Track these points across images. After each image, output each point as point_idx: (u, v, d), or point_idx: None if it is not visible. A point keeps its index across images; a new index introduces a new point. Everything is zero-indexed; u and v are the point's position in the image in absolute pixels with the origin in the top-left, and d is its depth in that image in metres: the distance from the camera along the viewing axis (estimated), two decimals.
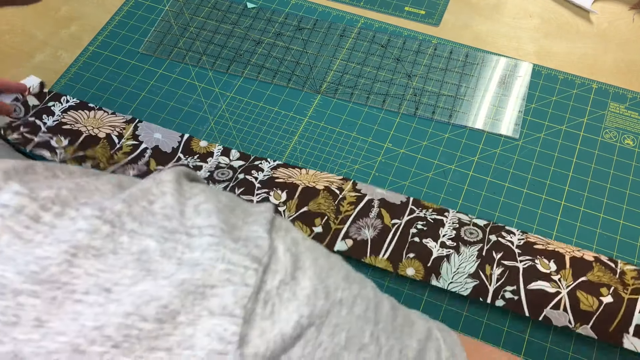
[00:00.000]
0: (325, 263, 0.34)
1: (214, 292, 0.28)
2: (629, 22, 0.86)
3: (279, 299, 0.30)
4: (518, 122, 0.75)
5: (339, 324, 0.32)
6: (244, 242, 0.30)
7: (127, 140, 0.73)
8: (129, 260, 0.28)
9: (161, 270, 0.28)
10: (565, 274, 0.57)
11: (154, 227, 0.29)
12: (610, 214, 0.68)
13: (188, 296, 0.27)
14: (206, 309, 0.27)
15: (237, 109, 0.79)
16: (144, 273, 0.28)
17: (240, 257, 0.29)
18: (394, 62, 0.82)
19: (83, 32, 0.89)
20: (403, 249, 0.61)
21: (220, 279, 0.28)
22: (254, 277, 0.29)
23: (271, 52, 0.84)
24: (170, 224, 0.30)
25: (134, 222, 0.29)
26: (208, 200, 0.32)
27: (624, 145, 0.73)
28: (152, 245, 0.28)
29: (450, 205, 0.69)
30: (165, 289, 0.27)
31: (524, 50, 0.83)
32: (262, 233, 0.31)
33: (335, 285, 0.33)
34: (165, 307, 0.27)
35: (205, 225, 0.30)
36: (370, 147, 0.75)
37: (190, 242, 0.29)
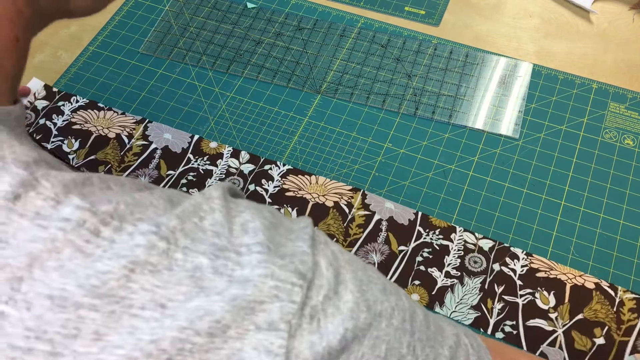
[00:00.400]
0: (364, 276, 0.35)
1: (263, 307, 0.28)
2: (629, 22, 0.86)
3: (323, 314, 0.30)
4: (518, 122, 0.75)
5: (380, 336, 0.32)
6: (290, 259, 0.31)
7: (137, 141, 0.74)
8: (183, 277, 0.28)
9: (214, 287, 0.28)
10: (563, 310, 0.60)
11: (206, 245, 0.30)
12: (610, 214, 0.68)
13: (240, 312, 0.28)
14: (253, 324, 0.28)
15: (237, 109, 0.79)
16: (197, 290, 0.28)
17: (288, 273, 0.30)
18: (394, 62, 0.82)
19: (83, 32, 0.89)
20: (409, 276, 0.64)
21: (269, 295, 0.29)
22: (300, 293, 0.30)
23: (271, 52, 0.84)
24: (220, 242, 0.30)
25: (187, 238, 0.29)
26: (254, 219, 0.32)
27: (624, 145, 0.73)
28: (204, 262, 0.29)
29: (451, 206, 0.69)
30: (217, 304, 0.28)
31: (524, 50, 0.83)
32: (306, 249, 0.32)
33: (374, 298, 0.33)
34: (218, 322, 0.27)
35: (253, 243, 0.31)
36: (370, 147, 0.75)
37: (239, 260, 0.30)
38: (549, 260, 0.65)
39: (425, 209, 0.69)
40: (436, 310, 0.61)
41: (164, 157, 0.73)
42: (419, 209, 0.69)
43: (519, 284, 0.63)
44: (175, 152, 0.73)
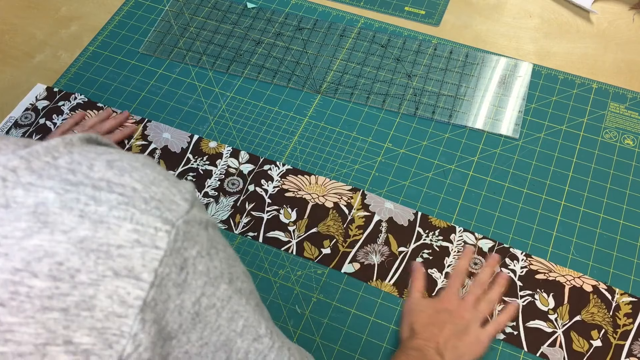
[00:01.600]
0: (231, 252, 0.34)
1: (121, 252, 0.27)
2: (629, 22, 0.86)
3: (193, 269, 0.29)
4: (518, 122, 0.75)
5: (238, 311, 0.32)
6: (157, 204, 0.29)
7: (136, 141, 0.74)
8: (22, 213, 0.26)
9: (60, 223, 0.26)
10: (562, 311, 0.61)
11: (56, 180, 0.28)
12: (610, 214, 0.68)
13: (89, 254, 0.26)
14: (111, 269, 0.26)
15: (237, 109, 0.79)
16: (39, 225, 0.26)
17: (151, 218, 0.28)
18: (394, 62, 0.82)
19: (83, 32, 0.89)
20: (409, 277, 0.64)
21: (127, 240, 0.27)
22: (165, 239, 0.28)
23: (271, 52, 0.84)
24: (75, 177, 0.28)
25: (32, 175, 0.28)
26: (123, 159, 0.31)
27: (624, 145, 0.73)
28: (50, 196, 0.27)
29: (451, 206, 0.69)
30: (62, 245, 0.26)
31: (524, 50, 0.83)
32: (178, 198, 0.30)
33: (237, 275, 0.33)
34: (61, 264, 0.26)
35: (116, 183, 0.29)
36: (370, 147, 0.75)
37: (95, 195, 0.28)
38: (548, 261, 0.65)
39: (425, 209, 0.69)
40: None
41: (163, 157, 0.73)
42: (418, 209, 0.69)
43: (518, 285, 0.63)
44: (175, 152, 0.73)
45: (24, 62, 0.86)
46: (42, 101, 0.78)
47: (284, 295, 0.64)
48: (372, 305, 0.63)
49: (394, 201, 0.69)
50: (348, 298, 0.64)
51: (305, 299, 0.64)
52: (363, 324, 0.62)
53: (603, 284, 0.63)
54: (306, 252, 0.66)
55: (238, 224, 0.68)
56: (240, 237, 0.68)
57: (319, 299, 0.64)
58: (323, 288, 0.64)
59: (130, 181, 0.29)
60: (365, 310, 0.63)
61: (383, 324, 0.62)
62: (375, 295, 0.64)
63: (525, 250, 0.66)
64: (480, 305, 0.59)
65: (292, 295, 0.64)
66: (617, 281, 0.64)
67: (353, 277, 0.64)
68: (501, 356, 0.60)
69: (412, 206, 0.69)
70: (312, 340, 0.61)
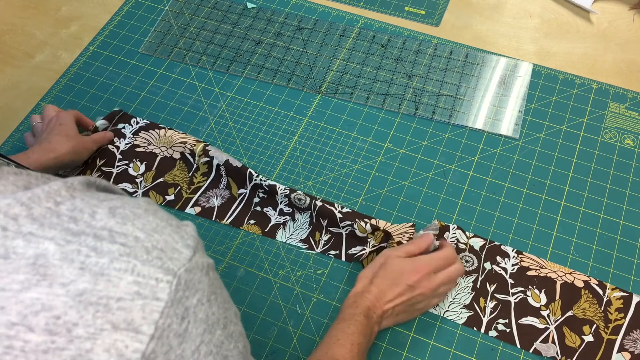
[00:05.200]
0: (227, 295, 0.35)
1: (120, 305, 0.26)
2: (629, 22, 0.86)
3: (194, 318, 0.29)
4: (518, 122, 0.75)
5: (227, 356, 0.32)
6: (158, 253, 0.29)
7: (199, 158, 0.72)
8: (21, 265, 0.26)
9: (59, 276, 0.26)
10: (554, 307, 0.62)
11: (57, 230, 0.27)
12: (610, 214, 0.68)
13: (88, 308, 0.26)
14: (109, 323, 0.26)
15: (237, 109, 0.79)
16: (38, 278, 0.26)
17: (152, 269, 0.28)
18: (394, 62, 0.82)
19: (83, 32, 0.89)
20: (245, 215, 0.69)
21: (128, 292, 0.27)
22: (166, 290, 0.28)
23: (271, 52, 0.84)
24: (77, 227, 0.28)
25: (34, 224, 0.27)
26: (125, 205, 0.30)
27: (624, 145, 0.73)
28: (51, 248, 0.27)
29: (451, 206, 0.69)
30: (60, 299, 0.25)
31: (524, 50, 0.83)
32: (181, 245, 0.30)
33: (230, 318, 0.33)
34: (58, 317, 0.25)
35: (119, 232, 0.28)
36: (370, 147, 0.75)
37: (97, 246, 0.27)
38: (539, 258, 0.65)
39: (425, 209, 0.69)
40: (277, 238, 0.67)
41: (230, 174, 0.71)
42: (419, 209, 0.69)
43: (510, 283, 0.63)
44: (236, 166, 0.70)
45: (24, 62, 0.86)
46: (102, 122, 0.76)
47: (284, 295, 0.64)
48: None
49: (394, 202, 0.69)
50: None
51: (305, 299, 0.64)
52: None
53: (594, 279, 0.63)
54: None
55: None
56: (243, 234, 0.68)
57: (319, 299, 0.64)
58: (323, 288, 0.64)
59: (132, 230, 0.29)
60: None
61: None
62: None
63: (525, 251, 0.66)
64: (440, 289, 0.60)
65: (292, 295, 0.64)
66: (618, 281, 0.64)
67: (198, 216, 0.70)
68: (501, 356, 0.60)
69: (412, 206, 0.69)
70: (312, 340, 0.61)
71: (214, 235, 0.68)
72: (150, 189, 0.72)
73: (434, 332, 0.61)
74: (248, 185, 0.70)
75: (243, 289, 0.65)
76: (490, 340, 0.61)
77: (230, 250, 0.67)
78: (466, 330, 0.61)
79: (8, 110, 0.81)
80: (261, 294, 0.64)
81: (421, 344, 0.61)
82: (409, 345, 0.61)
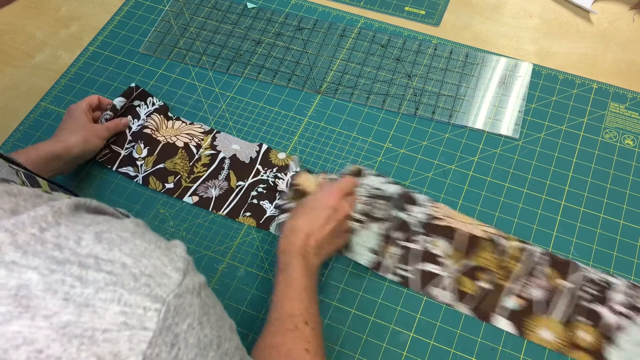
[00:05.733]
0: (220, 310, 0.34)
1: (106, 336, 0.26)
2: (629, 22, 0.86)
3: (184, 344, 0.28)
4: (518, 122, 0.75)
5: None
6: (146, 280, 0.28)
7: (205, 151, 0.73)
8: (3, 296, 0.25)
9: (42, 307, 0.25)
10: (455, 256, 0.65)
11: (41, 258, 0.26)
12: (610, 214, 0.68)
13: (72, 340, 0.25)
14: (95, 356, 0.25)
15: (237, 109, 0.79)
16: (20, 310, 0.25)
17: (139, 297, 0.27)
18: (394, 62, 0.82)
19: (83, 32, 0.89)
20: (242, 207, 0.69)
21: (114, 323, 0.26)
22: (154, 318, 0.27)
23: (271, 52, 0.84)
24: (62, 255, 0.27)
25: (17, 252, 0.26)
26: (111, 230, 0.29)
27: (624, 145, 0.73)
28: (34, 278, 0.26)
29: (451, 206, 0.69)
30: (42, 332, 0.25)
31: (524, 50, 0.83)
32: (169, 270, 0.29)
33: (225, 335, 0.33)
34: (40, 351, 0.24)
35: (105, 259, 0.27)
36: (370, 147, 0.75)
37: (82, 275, 0.26)
38: (450, 209, 0.68)
39: None
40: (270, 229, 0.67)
41: (232, 167, 0.72)
42: None
43: (417, 231, 0.66)
44: (244, 161, 0.73)
45: (24, 62, 0.86)
46: (120, 99, 0.75)
47: None
48: (372, 305, 0.63)
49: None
50: (348, 298, 0.64)
51: None
52: (363, 324, 0.62)
53: (498, 230, 0.66)
54: (151, 185, 0.71)
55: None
56: (243, 234, 0.68)
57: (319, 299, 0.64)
58: (323, 288, 0.64)
59: (119, 256, 0.28)
60: (365, 310, 0.63)
61: (383, 324, 0.62)
62: (375, 295, 0.64)
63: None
64: (349, 200, 0.62)
65: None
66: None
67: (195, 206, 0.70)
68: (501, 356, 0.60)
69: None
70: None
71: (214, 235, 0.68)
72: (150, 174, 0.72)
73: (434, 332, 0.61)
74: (249, 179, 0.71)
75: (243, 289, 0.65)
76: (490, 340, 0.61)
77: (230, 250, 0.67)
78: (466, 330, 0.61)
79: (8, 110, 0.81)
80: (261, 294, 0.64)
81: (421, 344, 0.61)
82: (409, 345, 0.61)
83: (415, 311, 0.63)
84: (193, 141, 0.75)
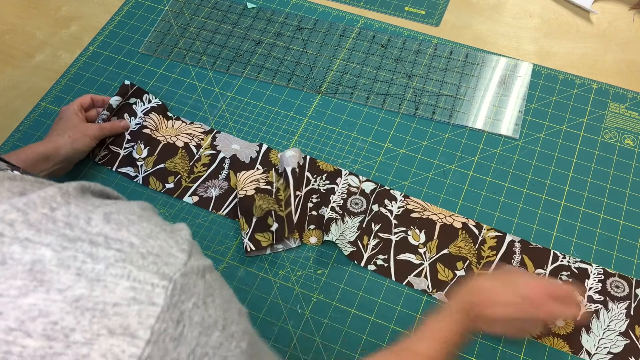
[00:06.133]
0: (227, 294, 0.34)
1: (117, 310, 0.27)
2: (629, 22, 0.86)
3: (189, 321, 0.29)
4: (518, 122, 0.75)
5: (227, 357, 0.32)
6: (154, 259, 0.29)
7: (205, 150, 0.74)
8: (19, 271, 0.26)
9: (56, 281, 0.26)
10: (431, 246, 0.66)
11: (53, 236, 0.28)
12: (610, 214, 0.68)
13: (84, 313, 0.26)
14: (106, 328, 0.26)
15: (237, 109, 0.79)
16: (35, 284, 0.26)
17: (148, 274, 0.28)
18: (394, 62, 0.82)
19: (83, 32, 0.89)
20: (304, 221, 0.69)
21: (124, 297, 0.27)
22: (162, 295, 0.28)
23: (271, 52, 0.84)
24: (73, 232, 0.28)
25: (30, 229, 0.27)
26: (120, 212, 0.30)
27: (624, 145, 0.73)
28: (47, 254, 0.27)
29: (451, 205, 0.69)
30: (57, 305, 0.26)
31: (524, 50, 0.83)
32: (175, 250, 0.30)
33: (232, 318, 0.33)
34: (55, 323, 0.26)
35: (114, 238, 0.29)
36: (370, 147, 0.75)
37: (93, 252, 0.28)
38: (423, 201, 0.69)
39: None
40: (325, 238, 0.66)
41: (232, 167, 0.72)
42: None
43: (394, 223, 0.68)
44: (244, 161, 0.73)
45: (24, 62, 0.86)
46: (115, 98, 0.76)
47: (284, 295, 0.64)
48: (372, 305, 0.63)
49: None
50: (348, 298, 0.64)
51: (305, 299, 0.64)
52: (363, 324, 0.62)
53: (472, 220, 0.67)
54: (151, 186, 0.71)
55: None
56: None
57: (319, 299, 0.64)
58: (323, 288, 0.64)
59: (127, 235, 0.29)
60: (365, 310, 0.63)
61: (383, 324, 0.62)
62: (375, 295, 0.64)
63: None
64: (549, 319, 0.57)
65: (292, 295, 0.64)
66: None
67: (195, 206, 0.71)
68: (501, 356, 0.60)
69: None
70: (312, 340, 0.61)
71: (214, 235, 0.68)
72: (150, 174, 0.72)
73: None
74: (303, 190, 0.71)
75: (243, 289, 0.65)
76: (490, 340, 0.61)
77: (230, 250, 0.67)
78: None
79: (8, 110, 0.81)
80: (261, 294, 0.64)
81: None
82: None
83: (416, 311, 0.63)
84: (193, 141, 0.75)
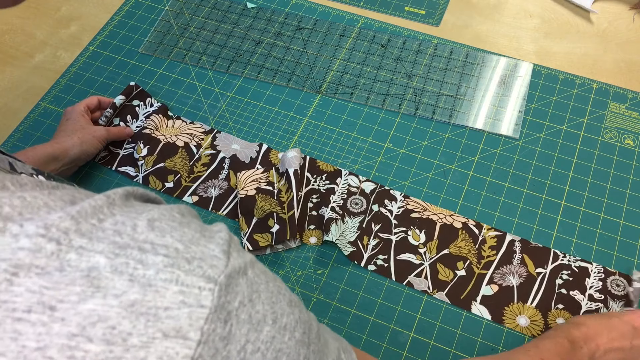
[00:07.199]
0: (274, 287, 0.35)
1: (168, 314, 0.28)
2: (629, 22, 0.86)
3: (236, 320, 0.30)
4: (518, 122, 0.75)
5: (282, 349, 0.33)
6: (199, 263, 0.30)
7: (205, 150, 0.74)
8: (77, 277, 0.27)
9: (112, 288, 0.27)
10: (431, 246, 0.66)
11: (105, 243, 0.29)
12: (610, 214, 0.68)
13: (139, 318, 0.27)
14: (160, 331, 0.27)
15: (237, 109, 0.79)
16: (92, 290, 0.27)
17: (194, 278, 0.29)
18: (394, 62, 0.82)
19: (83, 32, 0.89)
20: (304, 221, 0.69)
21: (174, 301, 0.28)
22: (209, 297, 0.29)
23: (271, 52, 0.84)
24: (122, 240, 0.29)
25: (83, 238, 0.28)
26: (162, 218, 0.31)
27: (624, 145, 0.73)
28: (102, 261, 0.28)
29: (451, 205, 0.69)
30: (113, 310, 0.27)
31: (524, 50, 0.83)
32: (217, 253, 0.31)
33: (282, 310, 0.34)
34: (113, 328, 0.26)
35: (160, 244, 0.30)
36: (370, 147, 0.75)
37: (143, 258, 0.29)
38: (423, 201, 0.69)
39: None
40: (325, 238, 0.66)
41: (232, 167, 0.72)
42: None
43: (394, 223, 0.68)
44: (244, 161, 0.73)
45: (24, 62, 0.86)
46: (120, 97, 0.76)
47: None
48: (372, 305, 0.63)
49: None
50: (348, 298, 0.64)
51: (305, 299, 0.64)
52: (363, 323, 0.62)
53: (472, 220, 0.67)
54: (151, 185, 0.72)
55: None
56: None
57: (319, 299, 0.64)
58: (323, 288, 0.64)
59: (171, 242, 0.30)
60: (365, 311, 0.63)
61: (383, 324, 0.62)
62: (375, 295, 0.64)
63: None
64: None
65: None
66: None
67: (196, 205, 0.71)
68: None
69: None
70: None
71: None
72: (150, 174, 0.72)
73: (434, 332, 0.61)
74: (303, 190, 0.71)
75: None
76: (490, 340, 0.61)
77: None
78: (466, 330, 0.61)
79: (8, 110, 0.81)
80: None
81: (421, 344, 0.61)
82: (409, 345, 0.61)
83: (416, 311, 0.63)
84: (193, 141, 0.75)
